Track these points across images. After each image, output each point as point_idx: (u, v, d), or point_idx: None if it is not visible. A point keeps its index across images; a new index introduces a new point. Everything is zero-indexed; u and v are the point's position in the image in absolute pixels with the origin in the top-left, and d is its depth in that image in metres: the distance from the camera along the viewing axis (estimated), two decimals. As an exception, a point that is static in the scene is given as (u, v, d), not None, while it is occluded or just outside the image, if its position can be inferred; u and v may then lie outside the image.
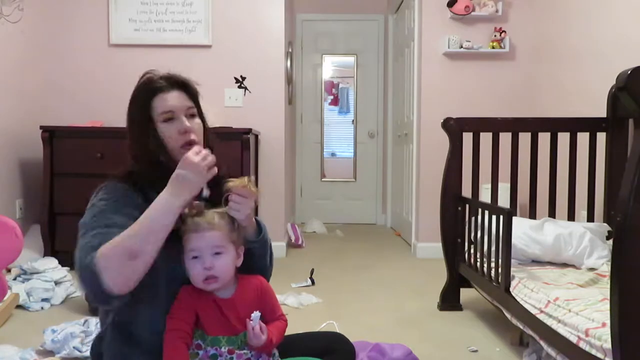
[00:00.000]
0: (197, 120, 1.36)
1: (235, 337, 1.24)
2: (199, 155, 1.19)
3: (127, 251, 1.12)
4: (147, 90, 1.33)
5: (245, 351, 1.25)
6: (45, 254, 3.49)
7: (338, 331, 2.33)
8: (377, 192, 6.01)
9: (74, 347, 2.17)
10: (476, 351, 2.29)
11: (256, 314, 1.23)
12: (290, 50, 4.90)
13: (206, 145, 1.34)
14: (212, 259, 1.22)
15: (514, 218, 2.24)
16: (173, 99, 1.32)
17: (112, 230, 1.17)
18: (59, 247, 3.56)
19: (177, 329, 1.21)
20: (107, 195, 1.27)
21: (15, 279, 2.98)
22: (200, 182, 1.20)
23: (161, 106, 1.31)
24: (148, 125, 1.31)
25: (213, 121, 1.63)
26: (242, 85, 4.14)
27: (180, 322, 1.22)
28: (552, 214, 2.83)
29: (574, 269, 2.37)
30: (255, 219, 1.35)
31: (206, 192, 1.23)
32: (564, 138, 2.87)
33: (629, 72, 1.32)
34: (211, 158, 1.21)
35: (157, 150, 1.30)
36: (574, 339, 1.64)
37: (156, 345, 1.21)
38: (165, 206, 1.17)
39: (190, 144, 1.30)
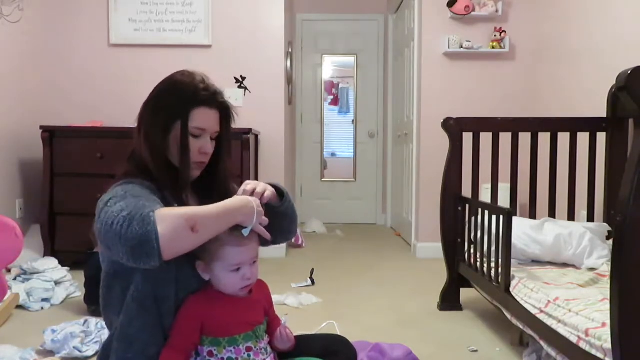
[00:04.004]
0: (214, 143, 1.37)
1: (251, 332, 1.27)
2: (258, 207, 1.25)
3: (189, 219, 1.10)
4: (193, 96, 1.30)
5: (262, 345, 1.28)
6: (45, 254, 3.49)
7: (338, 331, 2.33)
8: (377, 192, 6.01)
9: (74, 347, 2.17)
10: (476, 351, 2.29)
11: (285, 318, 1.27)
12: (290, 50, 4.90)
13: (220, 169, 1.40)
14: (251, 268, 1.27)
15: (514, 218, 2.24)
16: (211, 118, 1.33)
17: (156, 205, 1.14)
18: (59, 247, 3.56)
19: (177, 347, 1.23)
20: (127, 187, 1.21)
21: (15, 279, 2.98)
22: (251, 222, 1.23)
23: (198, 120, 1.30)
24: (174, 125, 1.30)
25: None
26: (242, 85, 4.14)
27: (182, 339, 1.23)
28: (552, 214, 2.83)
29: (574, 269, 2.37)
30: (273, 184, 1.41)
31: (246, 232, 1.24)
32: (564, 138, 2.87)
33: (629, 72, 1.32)
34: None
35: (163, 148, 1.30)
36: (574, 339, 1.64)
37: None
38: (233, 206, 1.19)
39: (201, 164, 1.34)
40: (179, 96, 1.30)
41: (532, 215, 2.87)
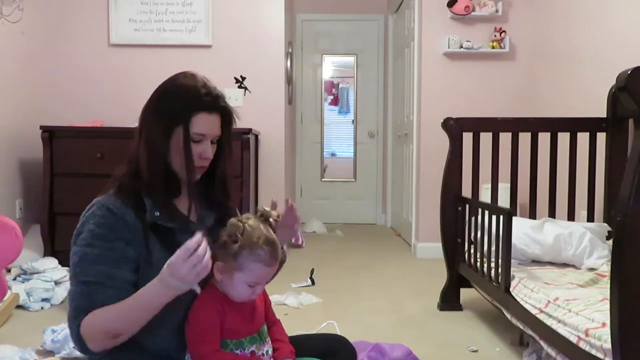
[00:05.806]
0: (214, 146, 1.36)
1: (257, 335, 1.29)
2: (187, 263, 1.10)
3: (110, 333, 1.19)
4: (194, 101, 1.28)
5: (265, 349, 1.30)
6: (45, 254, 3.49)
7: (338, 331, 2.34)
8: (377, 192, 6.01)
9: (74, 347, 2.16)
10: (476, 351, 2.29)
11: None
12: (290, 50, 4.90)
13: (220, 172, 1.38)
14: (262, 286, 1.30)
15: (514, 218, 2.24)
16: (211, 123, 1.31)
17: (98, 288, 1.20)
18: (59, 247, 3.55)
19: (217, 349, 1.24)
20: (96, 227, 1.23)
21: (15, 279, 2.97)
22: (189, 286, 1.15)
23: (199, 126, 1.28)
24: (175, 130, 1.28)
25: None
26: (242, 85, 4.14)
27: (216, 344, 1.24)
28: (552, 214, 2.83)
29: (574, 269, 2.37)
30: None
31: (198, 290, 1.17)
32: (564, 138, 2.87)
33: (629, 72, 1.32)
34: (203, 263, 1.12)
35: (163, 152, 1.28)
36: (574, 339, 1.64)
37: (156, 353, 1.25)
38: (155, 296, 1.16)
39: (201, 168, 1.33)
40: (180, 101, 1.28)
41: (532, 215, 2.87)
